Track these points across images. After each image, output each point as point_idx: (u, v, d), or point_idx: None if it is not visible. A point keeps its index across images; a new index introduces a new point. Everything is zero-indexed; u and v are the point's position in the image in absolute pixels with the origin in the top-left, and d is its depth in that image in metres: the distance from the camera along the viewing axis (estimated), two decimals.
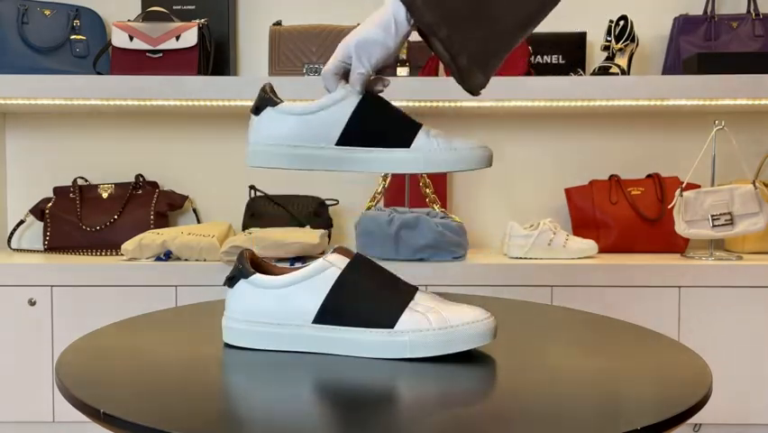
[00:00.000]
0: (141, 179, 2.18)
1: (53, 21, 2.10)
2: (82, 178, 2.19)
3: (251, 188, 2.12)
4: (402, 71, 2.03)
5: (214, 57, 2.05)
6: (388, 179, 2.02)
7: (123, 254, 1.89)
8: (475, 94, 0.86)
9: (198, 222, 2.22)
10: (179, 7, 2.11)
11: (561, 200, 2.20)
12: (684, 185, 1.92)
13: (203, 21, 2.02)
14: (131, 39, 1.97)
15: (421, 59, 2.03)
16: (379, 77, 0.87)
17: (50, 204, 2.11)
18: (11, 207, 2.25)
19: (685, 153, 2.19)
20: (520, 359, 0.80)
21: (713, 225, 1.89)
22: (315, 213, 2.06)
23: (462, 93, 0.87)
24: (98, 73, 2.02)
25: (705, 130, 2.09)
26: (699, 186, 1.98)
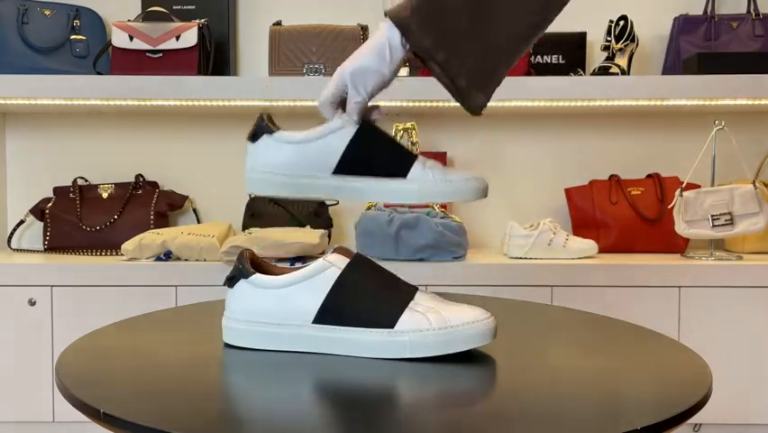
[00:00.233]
0: (141, 179, 2.18)
1: (53, 21, 2.10)
2: (82, 178, 2.19)
3: None
4: (402, 71, 2.03)
5: (214, 57, 2.05)
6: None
7: (123, 254, 1.89)
8: (476, 114, 0.85)
9: (198, 222, 2.22)
10: (179, 7, 2.11)
11: (561, 200, 2.20)
12: (684, 185, 1.92)
13: (203, 21, 2.02)
14: (131, 39, 1.97)
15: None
16: (374, 105, 0.87)
17: (50, 204, 2.11)
18: (11, 207, 2.25)
19: (685, 153, 2.19)
20: (520, 359, 0.80)
21: (713, 225, 1.89)
22: (315, 213, 2.06)
23: None
24: (98, 73, 2.02)
25: (705, 130, 2.09)
26: (699, 186, 1.98)
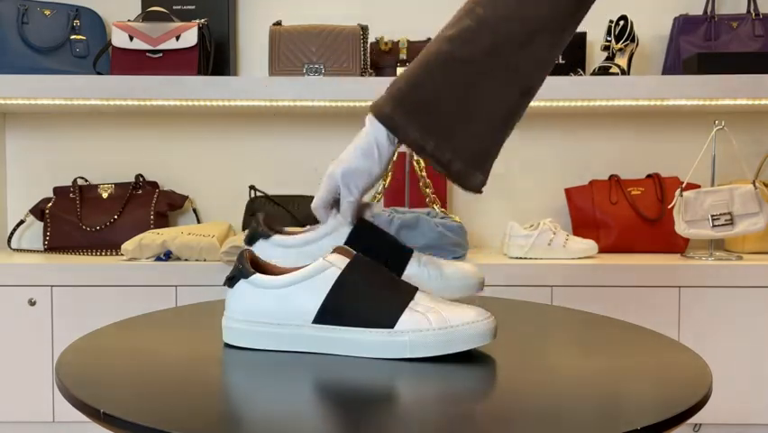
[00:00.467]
0: (141, 179, 2.18)
1: (53, 21, 2.10)
2: (82, 178, 2.19)
3: (251, 188, 2.12)
4: (402, 71, 2.03)
5: (214, 57, 2.05)
6: (388, 179, 2.02)
7: (123, 254, 1.89)
8: (478, 192, 0.83)
9: (198, 222, 2.22)
10: (179, 7, 2.11)
11: (561, 200, 2.20)
12: (684, 185, 1.92)
13: (203, 21, 2.02)
14: (131, 39, 1.97)
15: None
16: (367, 203, 0.88)
17: (50, 204, 2.11)
18: (11, 207, 2.25)
19: (685, 153, 2.19)
20: (520, 359, 0.80)
21: (713, 225, 1.89)
22: None
23: None
24: (98, 73, 2.02)
25: (705, 130, 2.09)
26: (699, 186, 1.98)
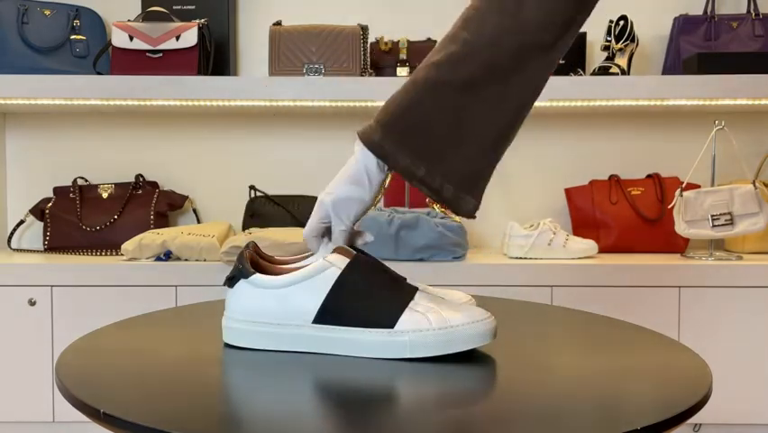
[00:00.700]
0: (141, 179, 2.18)
1: (53, 21, 2.10)
2: (82, 178, 2.19)
3: (251, 188, 2.12)
4: (402, 71, 2.03)
5: (214, 57, 2.05)
6: (389, 179, 2.01)
7: (123, 254, 1.89)
8: (471, 218, 0.82)
9: (198, 222, 2.22)
10: (179, 7, 2.11)
11: (561, 200, 2.20)
12: (684, 185, 1.92)
13: (203, 21, 2.02)
14: (131, 39, 1.97)
15: (421, 59, 2.03)
16: (359, 231, 0.86)
17: (50, 204, 2.11)
18: (11, 207, 2.25)
19: (685, 153, 2.19)
20: (520, 359, 0.80)
21: (713, 225, 1.89)
22: None
23: None
24: (98, 73, 2.02)
25: (705, 130, 2.09)
26: (699, 186, 1.98)
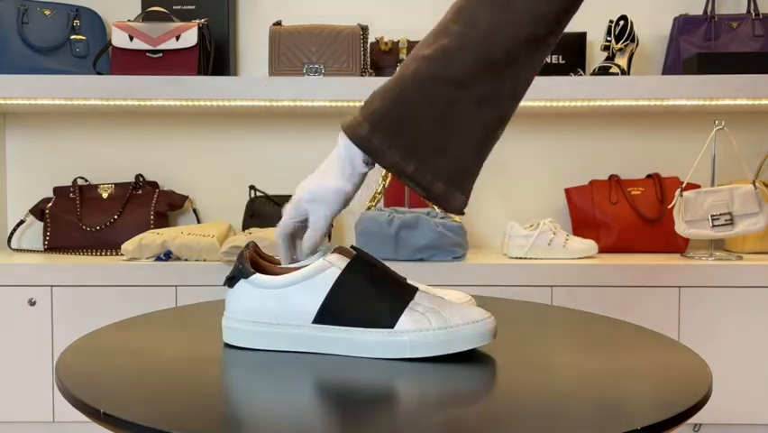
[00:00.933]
0: (141, 179, 2.18)
1: (53, 21, 2.10)
2: (82, 178, 2.19)
3: (251, 188, 2.12)
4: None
5: (214, 57, 2.05)
6: (388, 179, 2.02)
7: (123, 254, 1.89)
8: (461, 213, 0.82)
9: (198, 222, 2.22)
10: (179, 7, 2.11)
11: (561, 200, 2.20)
12: (684, 185, 1.92)
13: (203, 21, 2.02)
14: (131, 39, 1.97)
15: None
16: (345, 249, 0.83)
17: (50, 204, 2.11)
18: (11, 207, 2.25)
19: (685, 153, 2.19)
20: (520, 359, 0.80)
21: (713, 225, 1.89)
22: None
23: None
24: (98, 73, 2.02)
25: (705, 130, 2.09)
26: (699, 186, 1.98)
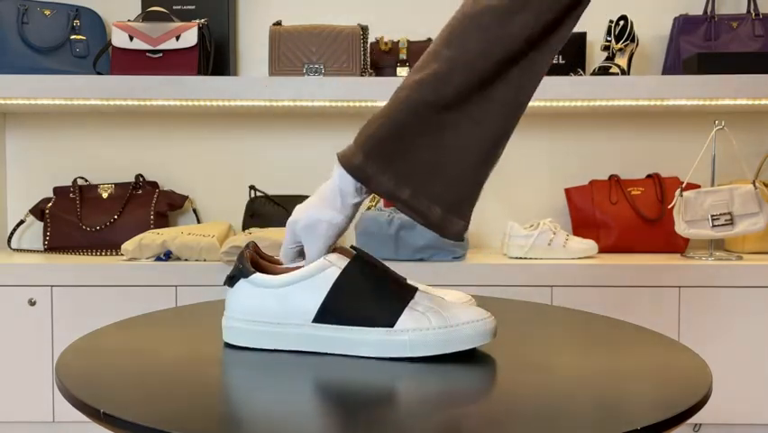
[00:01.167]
0: (141, 179, 2.18)
1: (53, 21, 2.10)
2: (82, 178, 2.19)
3: (251, 188, 2.12)
4: (402, 71, 2.03)
5: (214, 57, 2.05)
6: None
7: (123, 254, 1.89)
8: (460, 240, 0.82)
9: (198, 222, 2.22)
10: (179, 7, 2.11)
11: (561, 200, 2.20)
12: (684, 185, 1.92)
13: (203, 21, 2.02)
14: (131, 39, 1.97)
15: None
16: (343, 248, 0.83)
17: (50, 204, 2.11)
18: (11, 207, 2.25)
19: (685, 153, 2.19)
20: (520, 359, 0.80)
21: (713, 225, 1.89)
22: None
23: None
24: (98, 73, 2.02)
25: (705, 130, 2.09)
26: (699, 186, 1.98)
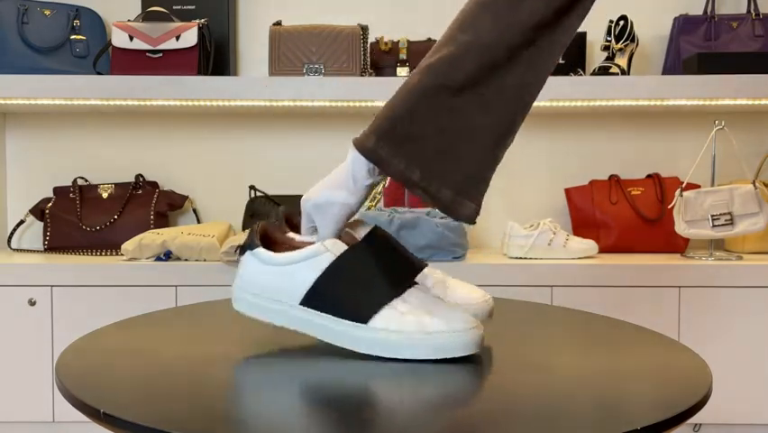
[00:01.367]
0: (141, 179, 2.18)
1: (53, 21, 2.10)
2: (82, 178, 2.19)
3: (251, 188, 2.12)
4: (402, 71, 2.03)
5: (214, 57, 2.05)
6: (388, 179, 2.01)
7: (123, 254, 1.89)
8: (471, 223, 0.81)
9: (198, 222, 2.22)
10: (179, 7, 2.11)
11: (561, 200, 2.20)
12: (684, 185, 1.92)
13: (203, 21, 2.02)
14: (131, 39, 1.97)
15: (420, 59, 2.03)
16: (358, 221, 0.84)
17: (50, 204, 2.11)
18: (11, 207, 2.25)
19: (685, 153, 2.19)
20: (520, 359, 0.80)
21: (713, 225, 1.89)
22: None
23: None
24: (98, 73, 2.02)
25: (705, 130, 2.09)
26: (699, 186, 1.98)
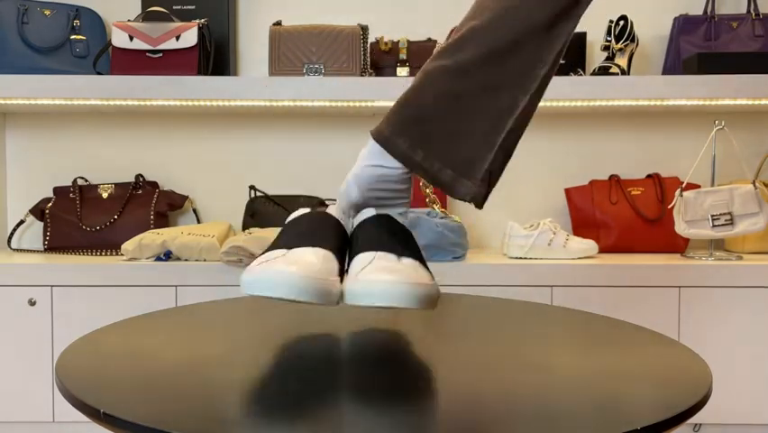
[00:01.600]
0: (141, 179, 2.18)
1: (53, 21, 2.10)
2: (82, 178, 2.19)
3: (251, 188, 2.12)
4: (402, 71, 2.03)
5: (214, 57, 2.05)
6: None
7: (123, 254, 1.89)
8: (478, 207, 0.83)
9: (198, 222, 2.22)
10: (179, 7, 2.11)
11: (561, 200, 2.20)
12: (684, 185, 1.92)
13: (203, 21, 2.02)
14: (131, 39, 1.97)
15: (420, 59, 2.03)
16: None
17: (50, 204, 2.11)
18: (11, 207, 2.25)
19: (685, 153, 2.19)
20: (520, 359, 0.80)
21: (713, 225, 1.89)
22: None
23: None
24: (98, 73, 2.02)
25: (705, 130, 2.09)
26: (699, 186, 1.98)
